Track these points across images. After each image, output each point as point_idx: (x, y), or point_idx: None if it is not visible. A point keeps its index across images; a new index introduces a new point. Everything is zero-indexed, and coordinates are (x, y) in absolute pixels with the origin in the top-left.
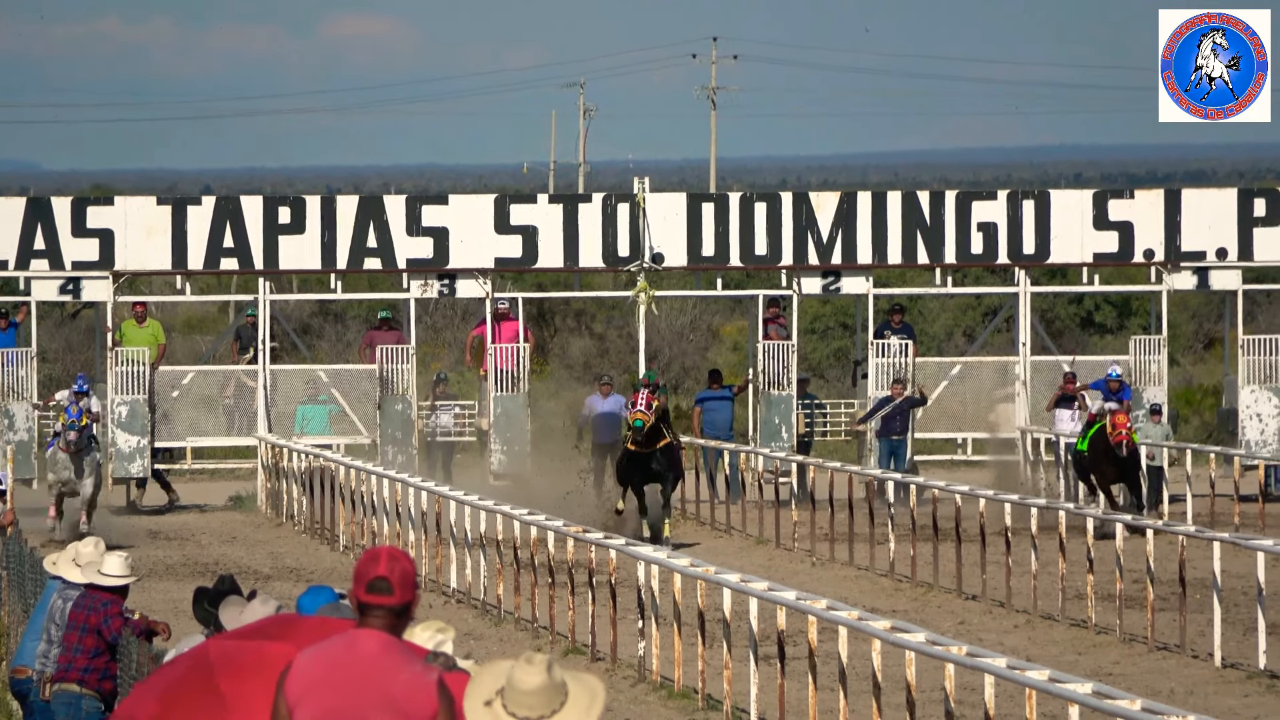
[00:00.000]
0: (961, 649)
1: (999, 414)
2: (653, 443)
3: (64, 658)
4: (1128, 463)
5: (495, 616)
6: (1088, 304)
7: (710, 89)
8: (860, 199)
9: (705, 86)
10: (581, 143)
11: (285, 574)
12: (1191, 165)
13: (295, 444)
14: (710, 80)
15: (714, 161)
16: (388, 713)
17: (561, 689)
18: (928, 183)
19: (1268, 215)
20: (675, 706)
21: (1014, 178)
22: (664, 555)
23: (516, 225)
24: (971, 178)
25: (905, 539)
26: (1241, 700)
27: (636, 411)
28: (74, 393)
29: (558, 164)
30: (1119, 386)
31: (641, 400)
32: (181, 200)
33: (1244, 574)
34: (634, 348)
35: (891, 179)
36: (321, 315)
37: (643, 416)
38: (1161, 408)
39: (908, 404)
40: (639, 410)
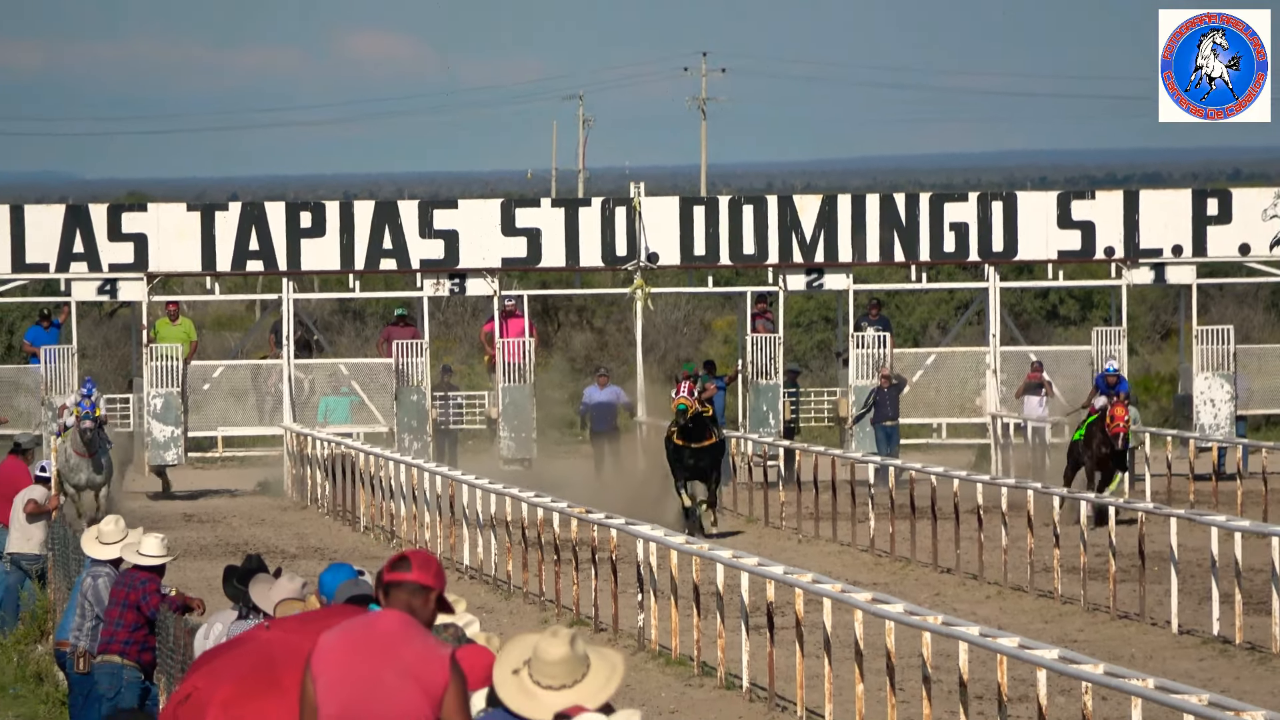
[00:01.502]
0: (937, 618)
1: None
2: (700, 438)
3: (106, 631)
4: (1119, 454)
5: (505, 591)
6: (1053, 298)
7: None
8: (841, 201)
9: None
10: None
11: (310, 553)
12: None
13: (318, 433)
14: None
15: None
16: (402, 677)
17: (584, 661)
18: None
19: (1219, 214)
20: (672, 673)
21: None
22: (662, 534)
23: (521, 228)
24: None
25: (885, 517)
26: (1197, 664)
27: (680, 398)
28: (83, 395)
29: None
30: (1116, 380)
31: (684, 389)
32: (210, 206)
33: (1199, 547)
34: (632, 341)
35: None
36: (341, 313)
37: (686, 401)
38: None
39: (894, 390)
40: (682, 396)
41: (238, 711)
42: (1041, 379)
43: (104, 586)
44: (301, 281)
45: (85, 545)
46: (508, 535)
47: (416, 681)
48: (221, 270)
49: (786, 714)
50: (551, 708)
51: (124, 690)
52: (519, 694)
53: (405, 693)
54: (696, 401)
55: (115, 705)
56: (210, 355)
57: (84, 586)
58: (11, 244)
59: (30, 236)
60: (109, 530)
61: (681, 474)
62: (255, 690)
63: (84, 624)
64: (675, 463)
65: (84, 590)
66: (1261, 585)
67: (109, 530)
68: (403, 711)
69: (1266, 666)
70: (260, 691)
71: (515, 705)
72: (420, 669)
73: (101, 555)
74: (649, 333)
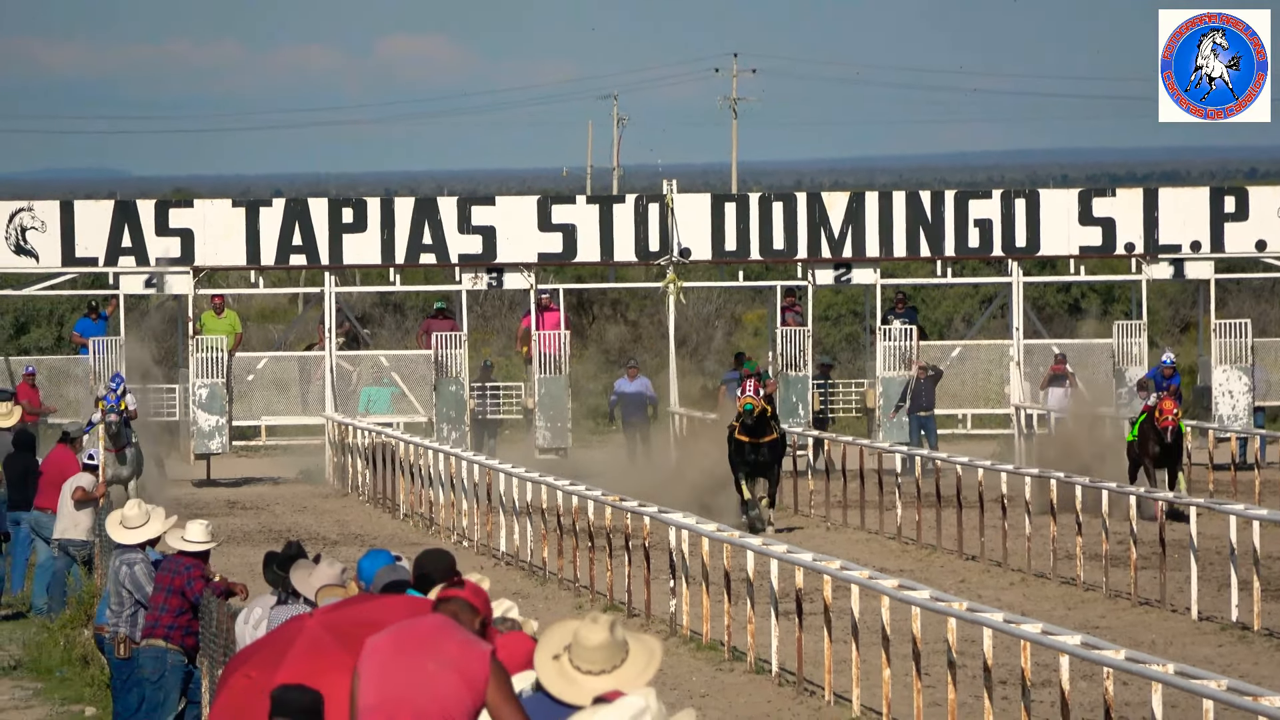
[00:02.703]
0: (962, 605)
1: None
2: (761, 434)
3: (151, 616)
4: (1172, 448)
5: (541, 577)
6: (1074, 292)
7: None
8: (868, 198)
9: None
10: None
11: (351, 540)
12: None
13: (359, 422)
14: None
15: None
16: (443, 667)
17: (623, 647)
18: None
19: (1237, 211)
20: (703, 658)
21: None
22: (694, 521)
23: (557, 224)
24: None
25: (911, 506)
26: (1216, 650)
27: (746, 397)
28: (109, 390)
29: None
30: (1172, 372)
31: (750, 388)
32: (254, 202)
33: (1218, 535)
34: (664, 334)
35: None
36: (382, 306)
37: (752, 400)
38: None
39: (930, 381)
40: (748, 396)
41: None
42: (1064, 371)
43: (141, 572)
44: (343, 275)
45: (111, 531)
46: (543, 522)
47: (458, 672)
48: (265, 264)
49: (815, 698)
50: (591, 692)
51: (168, 674)
52: (559, 679)
53: (445, 681)
54: (762, 400)
55: (160, 688)
56: (254, 347)
57: (119, 573)
58: (62, 238)
59: (80, 231)
60: (133, 515)
61: (743, 468)
62: (306, 674)
63: (122, 610)
64: (737, 457)
65: (119, 577)
66: (1279, 574)
67: (133, 515)
68: (442, 697)
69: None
70: (311, 675)
71: (556, 690)
72: (462, 662)
73: (127, 540)
74: (681, 326)
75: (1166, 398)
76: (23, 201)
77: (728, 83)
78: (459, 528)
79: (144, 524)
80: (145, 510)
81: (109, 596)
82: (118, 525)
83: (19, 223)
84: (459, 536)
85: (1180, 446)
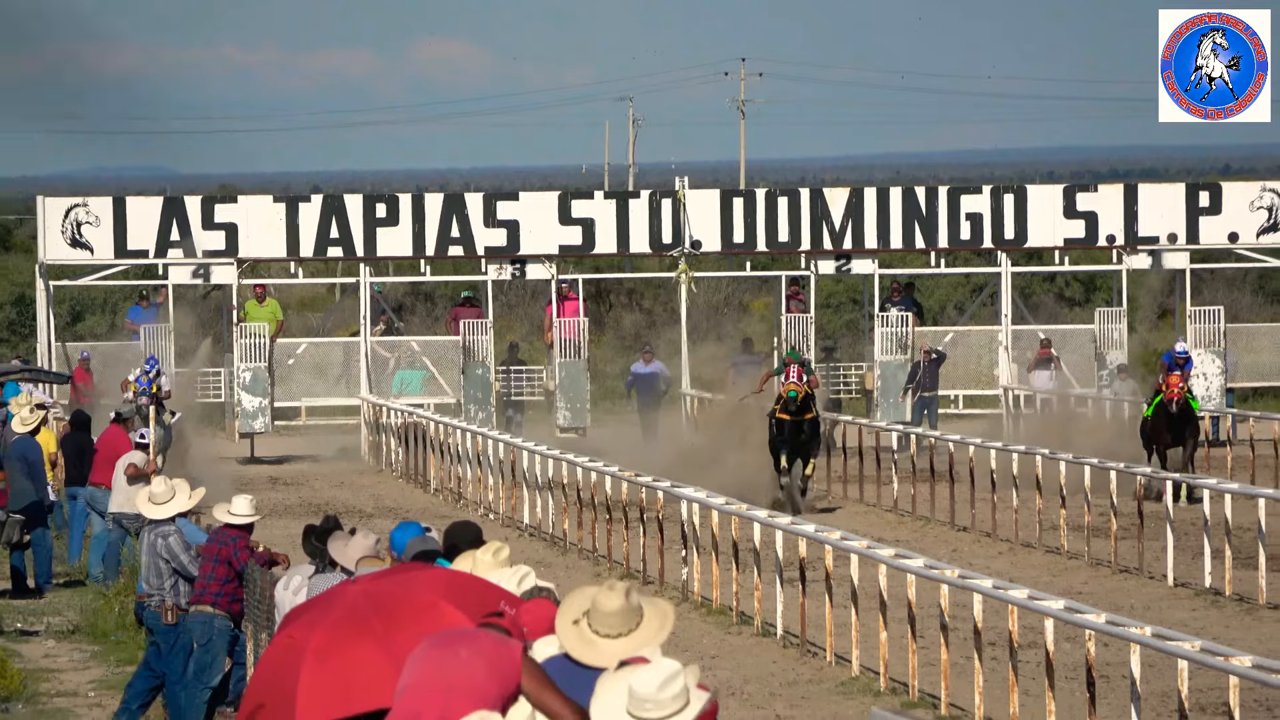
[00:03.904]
0: (954, 572)
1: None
2: (802, 414)
3: (199, 584)
4: (1179, 422)
5: (562, 547)
6: (1059, 281)
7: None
8: (867, 194)
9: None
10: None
11: (385, 513)
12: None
13: (393, 403)
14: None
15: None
16: (475, 655)
17: (638, 611)
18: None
19: (1210, 206)
20: (713, 622)
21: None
22: (704, 495)
23: (577, 217)
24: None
25: (907, 480)
26: (1190, 614)
27: (790, 383)
28: (143, 371)
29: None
30: (1184, 360)
31: (793, 374)
32: (294, 198)
33: (1193, 507)
34: (677, 321)
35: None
36: (413, 295)
37: (796, 387)
38: (1128, 367)
39: (934, 364)
40: (792, 382)
41: (330, 657)
42: (1050, 355)
43: (175, 543)
44: (377, 266)
45: (140, 507)
46: (564, 496)
47: (487, 661)
48: (304, 256)
49: (816, 659)
50: (610, 655)
51: (215, 637)
52: (579, 643)
53: (475, 667)
54: (806, 386)
55: (208, 651)
56: (294, 333)
57: (156, 546)
58: (114, 232)
59: (131, 225)
60: (160, 491)
61: (783, 447)
62: (346, 637)
63: (163, 580)
64: (777, 436)
65: (157, 549)
66: (1249, 542)
67: (160, 491)
68: (470, 679)
69: (1254, 616)
70: (350, 639)
71: (576, 653)
72: (494, 655)
73: (156, 515)
74: (692, 313)
75: (1175, 373)
76: (78, 198)
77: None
78: (485, 501)
79: (170, 499)
80: (171, 486)
81: (146, 569)
82: (146, 501)
83: (74, 218)
84: (485, 510)
85: (1191, 420)
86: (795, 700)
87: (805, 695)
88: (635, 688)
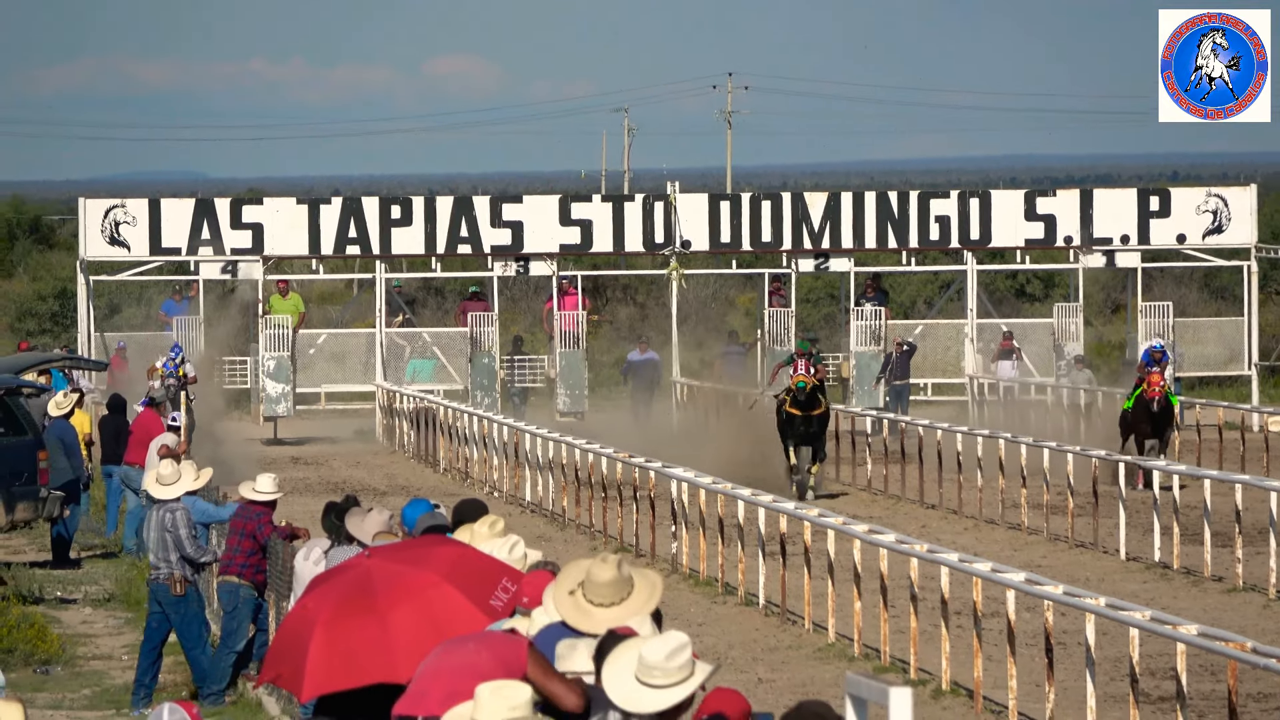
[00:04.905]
0: (923, 547)
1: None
2: (811, 408)
3: (226, 555)
4: (1159, 418)
5: (561, 523)
6: (1020, 279)
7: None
8: (844, 198)
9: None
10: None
11: (398, 490)
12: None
13: (405, 389)
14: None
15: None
16: (483, 647)
17: (629, 582)
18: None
19: (1160, 209)
20: (700, 592)
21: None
22: (693, 475)
23: (576, 219)
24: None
25: (880, 462)
26: (1141, 585)
27: (799, 375)
28: (169, 358)
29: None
30: (1160, 355)
31: (802, 366)
32: (315, 200)
33: (1143, 487)
34: (668, 314)
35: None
36: (425, 289)
37: (805, 379)
38: (1084, 358)
39: (905, 355)
40: (801, 374)
41: (337, 629)
42: (1012, 346)
43: (181, 519)
44: (392, 263)
45: (149, 487)
46: (563, 476)
47: (493, 651)
48: (325, 254)
49: (796, 626)
50: (603, 622)
51: (240, 606)
52: (575, 611)
53: (481, 657)
54: (814, 378)
55: (234, 618)
56: (315, 325)
57: (165, 521)
58: (150, 231)
59: (165, 225)
60: (167, 474)
61: (792, 439)
62: (351, 612)
63: (169, 554)
64: (788, 429)
65: (166, 524)
66: (1195, 520)
67: (167, 474)
68: (474, 664)
69: (1200, 588)
70: (356, 613)
71: (573, 621)
72: (500, 646)
73: (163, 495)
74: (682, 307)
75: (1155, 372)
76: (116, 200)
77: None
78: (490, 480)
79: (177, 480)
80: (177, 469)
81: (154, 546)
82: (154, 482)
83: (113, 218)
84: (490, 488)
85: (1170, 416)
86: (776, 665)
87: (785, 660)
88: (645, 656)
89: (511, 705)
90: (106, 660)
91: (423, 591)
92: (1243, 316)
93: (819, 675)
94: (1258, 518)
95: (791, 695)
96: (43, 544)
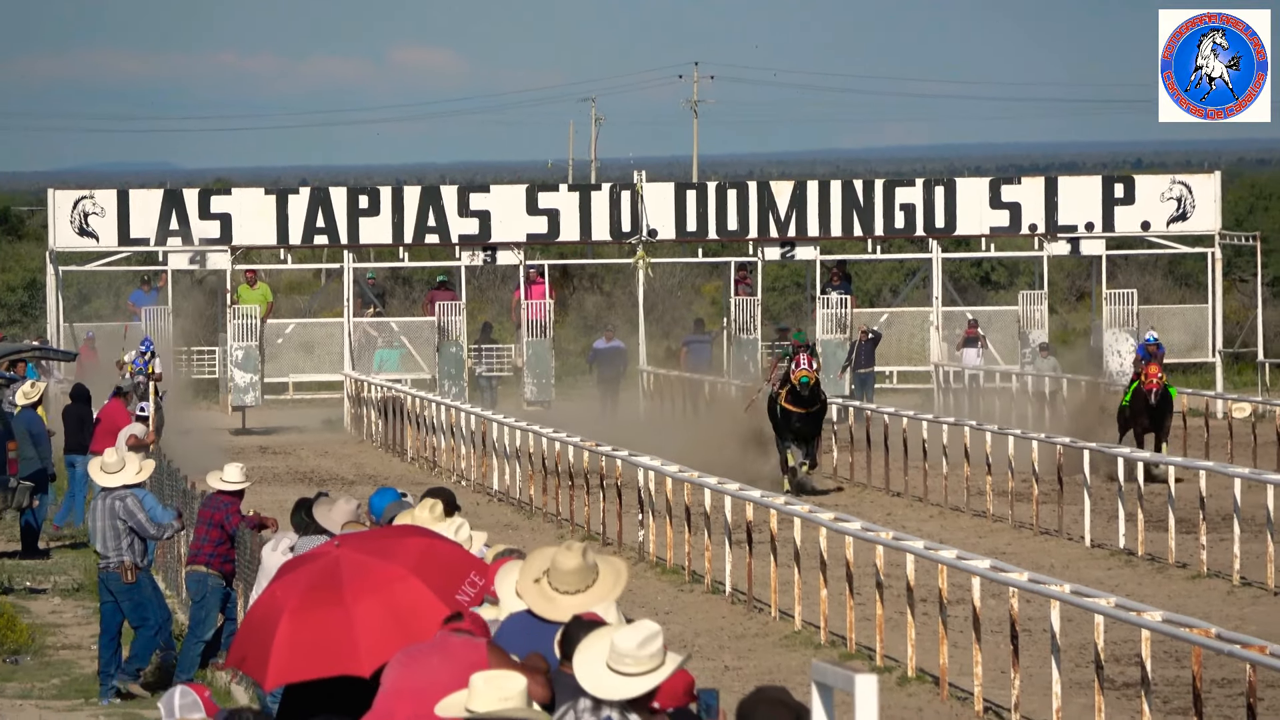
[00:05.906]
0: (888, 534)
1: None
2: (810, 404)
3: (194, 545)
4: (1158, 410)
5: (528, 511)
6: (985, 266)
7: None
8: (810, 186)
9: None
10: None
11: (366, 480)
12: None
13: (373, 378)
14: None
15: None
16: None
17: (594, 569)
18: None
19: (1125, 197)
20: (667, 580)
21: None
22: (659, 464)
23: (543, 208)
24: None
25: (846, 449)
26: (1106, 572)
27: (801, 370)
28: (139, 353)
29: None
30: (1156, 348)
31: (804, 360)
32: (284, 190)
33: (1108, 473)
34: (635, 303)
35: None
36: (393, 279)
37: (808, 374)
38: (1049, 345)
39: (870, 344)
40: (803, 369)
41: (302, 619)
42: (977, 334)
43: (132, 504)
44: (360, 253)
45: (93, 474)
46: (530, 464)
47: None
48: (293, 244)
49: (762, 614)
50: (568, 610)
51: (208, 595)
52: (540, 599)
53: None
54: (816, 373)
55: (202, 607)
56: (283, 314)
57: (114, 509)
58: (118, 222)
59: (134, 216)
60: (111, 462)
61: (787, 435)
62: (318, 602)
63: (120, 542)
64: (783, 425)
65: (115, 512)
66: (1160, 506)
67: (111, 462)
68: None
69: (1164, 575)
70: (322, 604)
71: (538, 608)
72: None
73: (109, 483)
74: (649, 295)
75: (1151, 363)
76: (85, 191)
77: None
78: (458, 469)
79: (121, 469)
80: (121, 458)
81: (102, 534)
82: (99, 470)
83: (82, 209)
84: (458, 477)
85: (1168, 408)
86: (742, 652)
87: (751, 648)
88: (617, 644)
89: (504, 695)
90: (75, 650)
91: (389, 585)
92: (1207, 304)
93: (785, 663)
94: (1221, 504)
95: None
96: (11, 534)
